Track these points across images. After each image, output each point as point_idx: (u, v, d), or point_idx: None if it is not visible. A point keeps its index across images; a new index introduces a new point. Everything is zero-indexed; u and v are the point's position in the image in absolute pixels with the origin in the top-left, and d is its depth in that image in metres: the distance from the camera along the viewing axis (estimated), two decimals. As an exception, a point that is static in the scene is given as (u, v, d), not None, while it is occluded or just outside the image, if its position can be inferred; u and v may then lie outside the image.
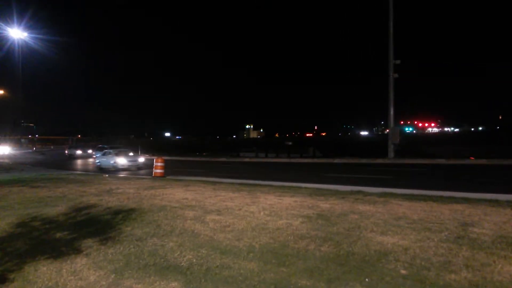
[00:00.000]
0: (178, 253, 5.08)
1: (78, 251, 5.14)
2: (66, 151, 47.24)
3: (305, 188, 10.63)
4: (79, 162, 36.42)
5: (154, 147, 58.12)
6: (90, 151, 44.77)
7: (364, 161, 23.92)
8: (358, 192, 9.31)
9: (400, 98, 24.48)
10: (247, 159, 33.78)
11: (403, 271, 4.26)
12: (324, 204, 7.58)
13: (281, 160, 31.03)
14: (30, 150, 61.34)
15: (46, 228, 6.34)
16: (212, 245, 5.38)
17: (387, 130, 26.09)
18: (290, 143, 36.02)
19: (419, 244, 4.97)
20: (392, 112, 24.36)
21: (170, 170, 20.10)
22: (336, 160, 26.21)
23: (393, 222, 6.01)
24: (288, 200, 8.21)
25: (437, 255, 4.58)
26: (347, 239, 5.29)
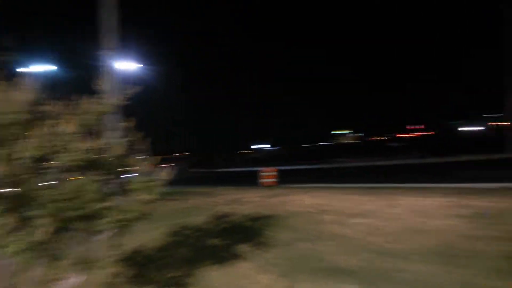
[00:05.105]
0: (338, 257, 4.95)
1: (238, 256, 5.28)
2: None
3: (439, 188, 9.91)
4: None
5: (253, 159, 59.75)
6: None
7: (487, 156, 21.81)
8: (505, 188, 8.41)
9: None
10: (349, 164, 32.91)
11: None
12: (477, 202, 6.94)
13: (386, 163, 29.66)
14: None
15: (198, 236, 6.67)
16: (369, 248, 5.17)
17: (498, 123, 23.61)
18: (395, 144, 34.30)
19: None
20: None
21: (277, 179, 20.22)
22: (452, 159, 24.27)
23: None
24: (431, 201, 7.69)
25: None
26: (528, 237, 4.71)
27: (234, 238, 6.28)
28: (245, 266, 4.92)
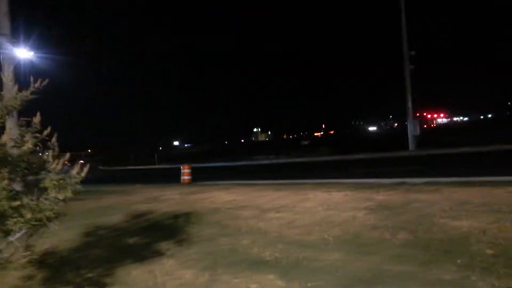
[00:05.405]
0: (256, 249, 5.20)
1: (159, 254, 5.29)
2: None
3: (345, 183, 10.72)
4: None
5: (168, 157, 58.66)
6: None
7: (386, 154, 23.98)
8: (402, 183, 9.40)
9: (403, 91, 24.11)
10: (264, 162, 33.91)
11: (489, 251, 4.35)
12: (379, 196, 7.69)
13: (298, 160, 31.12)
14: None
15: (115, 235, 6.51)
16: (285, 240, 5.50)
17: (395, 124, 26.27)
18: (306, 142, 36.24)
19: (495, 225, 5.06)
20: (410, 104, 24.41)
21: (193, 176, 20.23)
22: (356, 156, 26.23)
23: (459, 207, 6.10)
24: (338, 195, 8.33)
25: (519, 234, 4.66)
26: (421, 226, 5.38)
27: (153, 236, 6.24)
28: (167, 263, 4.95)
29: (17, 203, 2.89)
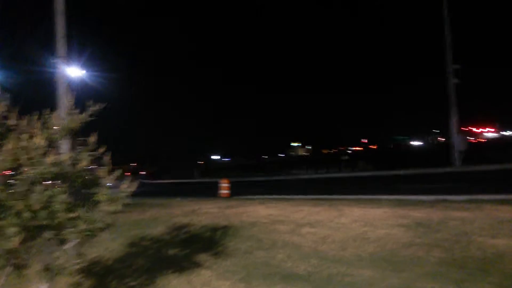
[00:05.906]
0: (291, 263, 5.33)
1: (197, 265, 5.53)
2: None
3: (383, 200, 10.61)
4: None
5: (207, 171, 59.78)
6: None
7: (430, 170, 23.30)
8: (443, 200, 9.22)
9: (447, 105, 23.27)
10: (302, 177, 33.84)
11: (527, 272, 4.27)
12: (416, 213, 7.61)
13: (338, 175, 30.85)
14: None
15: (157, 246, 6.84)
16: (319, 255, 5.60)
17: (442, 139, 25.36)
18: (346, 157, 36.04)
19: (536, 245, 4.93)
20: (455, 118, 23.69)
21: (232, 190, 20.52)
22: (397, 172, 25.62)
23: (499, 225, 5.97)
24: (375, 211, 8.30)
25: (561, 255, 4.53)
26: (457, 244, 5.32)
27: (193, 248, 6.51)
28: (205, 273, 5.18)
29: (73, 215, 3.23)
